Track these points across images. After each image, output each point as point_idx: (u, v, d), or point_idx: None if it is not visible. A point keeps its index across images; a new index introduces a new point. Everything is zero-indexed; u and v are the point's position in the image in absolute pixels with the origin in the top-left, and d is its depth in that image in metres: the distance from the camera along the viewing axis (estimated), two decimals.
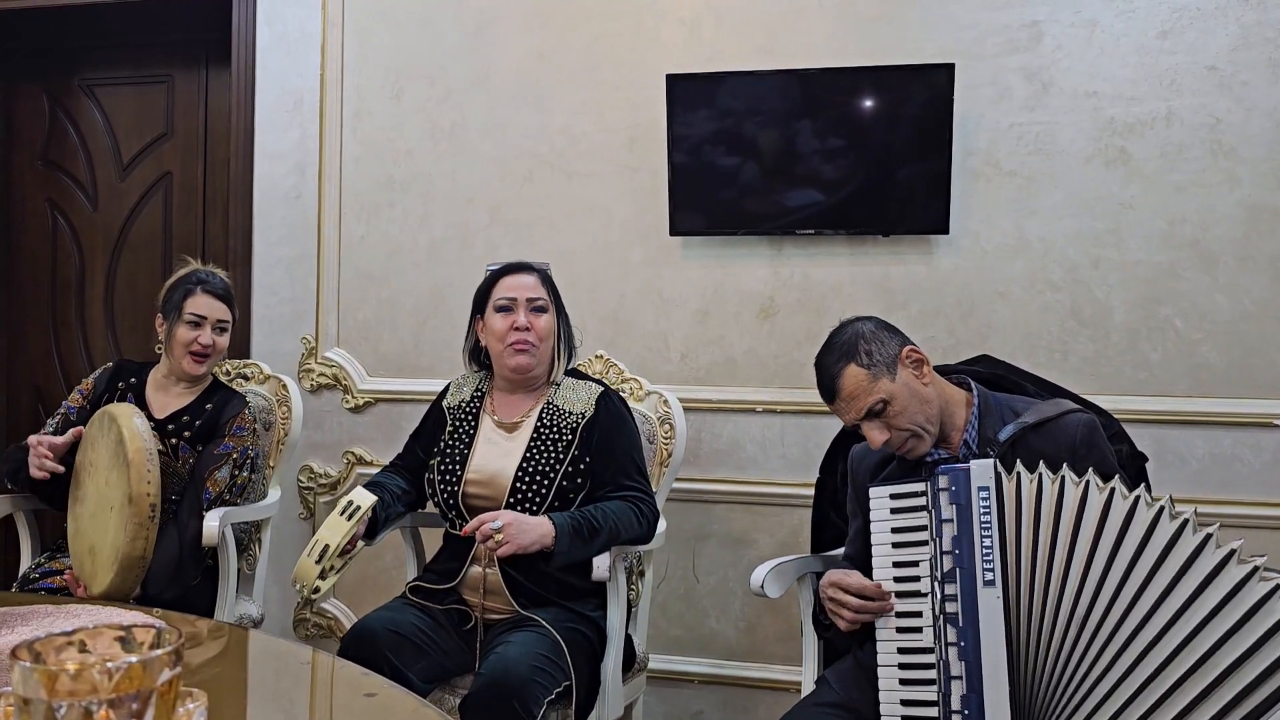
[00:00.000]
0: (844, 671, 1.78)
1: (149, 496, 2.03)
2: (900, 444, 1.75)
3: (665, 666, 2.76)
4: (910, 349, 1.77)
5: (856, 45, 2.67)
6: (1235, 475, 2.46)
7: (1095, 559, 1.51)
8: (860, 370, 1.74)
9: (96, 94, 3.51)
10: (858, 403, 1.74)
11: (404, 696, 1.38)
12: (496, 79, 2.93)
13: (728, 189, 2.70)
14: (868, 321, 1.80)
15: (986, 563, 1.54)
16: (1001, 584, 1.53)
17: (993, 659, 1.52)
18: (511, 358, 2.14)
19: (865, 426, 1.76)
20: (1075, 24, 2.55)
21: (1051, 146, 2.57)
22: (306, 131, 3.07)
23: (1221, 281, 2.48)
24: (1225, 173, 2.47)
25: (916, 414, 1.73)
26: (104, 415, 2.18)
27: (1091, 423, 1.75)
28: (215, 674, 1.55)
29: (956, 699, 1.52)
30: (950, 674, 1.54)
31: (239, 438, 2.39)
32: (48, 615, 1.50)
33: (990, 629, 1.52)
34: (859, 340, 1.76)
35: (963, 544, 1.56)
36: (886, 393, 1.72)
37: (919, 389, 1.74)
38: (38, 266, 3.55)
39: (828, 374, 1.78)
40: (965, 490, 1.57)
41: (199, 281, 2.42)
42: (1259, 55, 2.46)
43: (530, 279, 2.20)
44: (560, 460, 2.11)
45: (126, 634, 0.80)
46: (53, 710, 0.72)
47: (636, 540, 2.10)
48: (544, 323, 2.16)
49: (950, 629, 1.55)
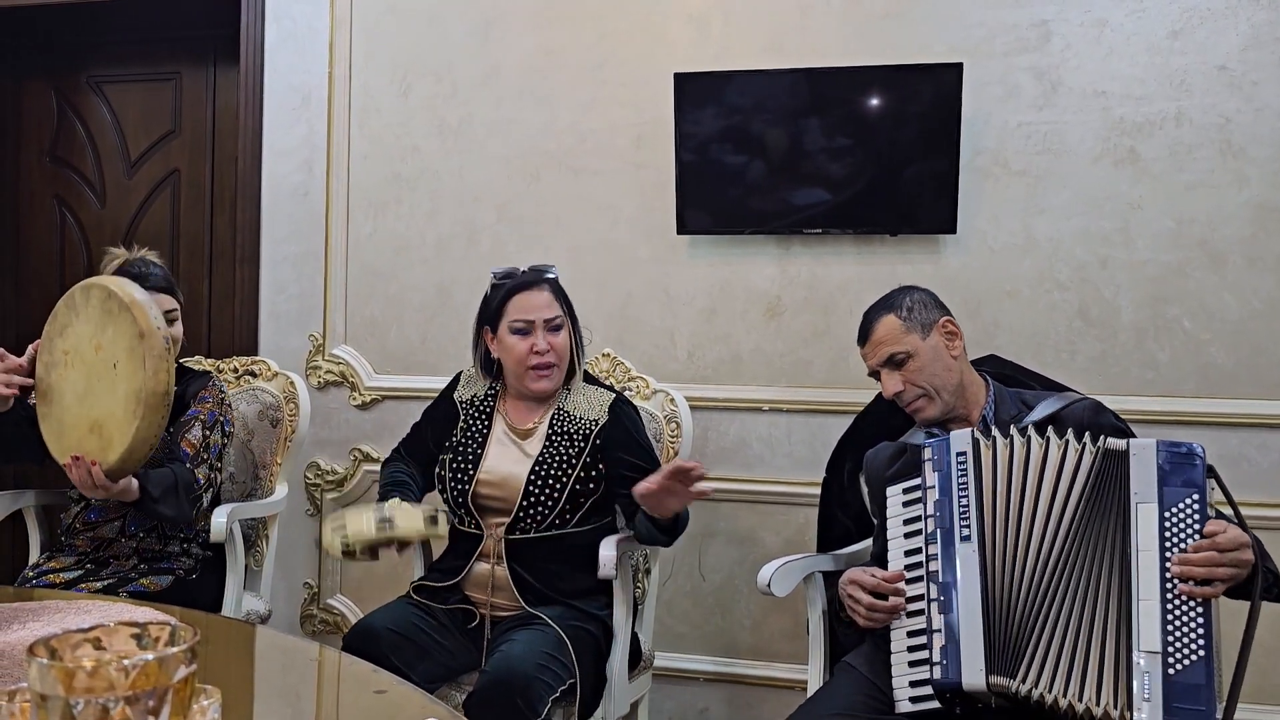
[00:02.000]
0: (865, 652, 1.81)
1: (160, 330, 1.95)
2: (912, 399, 1.86)
3: (671, 664, 2.77)
4: (948, 319, 1.90)
5: (864, 44, 2.66)
6: (1243, 475, 2.45)
7: (1054, 504, 1.63)
8: (896, 320, 1.87)
9: (104, 91, 3.51)
10: (883, 348, 1.87)
11: (412, 693, 1.38)
12: (504, 76, 2.93)
13: (735, 187, 2.69)
14: (920, 290, 1.94)
15: (963, 520, 1.64)
16: (978, 539, 1.63)
17: (969, 608, 1.60)
18: (534, 382, 2.14)
19: (884, 374, 1.88)
20: (1085, 23, 2.55)
21: (1060, 146, 2.56)
22: (314, 128, 3.07)
23: (1230, 281, 2.47)
24: (1234, 173, 2.47)
25: (935, 376, 1.85)
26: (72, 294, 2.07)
27: (1095, 404, 1.85)
28: (223, 670, 1.55)
29: (937, 651, 1.60)
30: (933, 628, 1.61)
31: (204, 404, 2.35)
32: (58, 611, 1.50)
33: (967, 581, 1.62)
34: (905, 297, 1.91)
35: (943, 506, 1.66)
36: (912, 347, 1.85)
37: (944, 356, 1.86)
38: (46, 263, 3.56)
39: (867, 319, 1.93)
40: (945, 457, 1.68)
41: (134, 277, 2.22)
42: (1270, 55, 2.45)
43: (544, 296, 2.16)
44: (573, 466, 2.11)
45: (142, 631, 0.80)
46: (70, 707, 0.72)
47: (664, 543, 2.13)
48: (561, 340, 2.16)
49: (932, 586, 1.63)
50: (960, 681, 1.57)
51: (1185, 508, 1.55)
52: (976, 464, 1.66)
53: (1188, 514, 1.55)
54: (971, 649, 1.57)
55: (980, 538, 1.63)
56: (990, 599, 1.60)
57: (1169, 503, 1.56)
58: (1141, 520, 1.56)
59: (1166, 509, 1.55)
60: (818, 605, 2.02)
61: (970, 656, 1.57)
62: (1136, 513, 1.57)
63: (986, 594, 1.60)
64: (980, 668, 1.56)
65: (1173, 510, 1.55)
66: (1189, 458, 1.56)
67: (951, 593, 1.61)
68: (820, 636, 2.01)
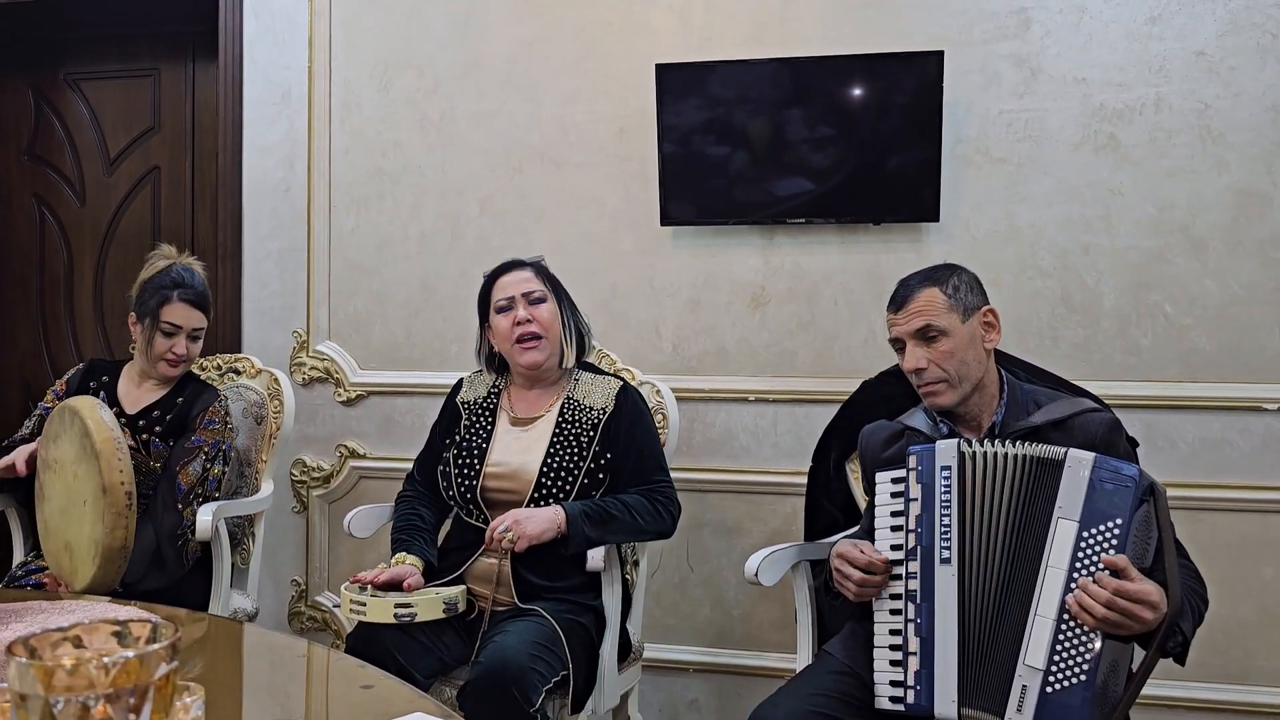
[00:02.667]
0: (845, 639, 1.80)
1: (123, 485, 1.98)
2: (932, 380, 1.75)
3: (660, 655, 2.77)
4: (990, 309, 1.79)
5: (846, 33, 2.66)
6: (1225, 459, 2.47)
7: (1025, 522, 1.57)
8: (941, 295, 1.75)
9: (82, 88, 3.48)
10: (919, 319, 1.74)
11: (400, 687, 1.38)
12: (485, 69, 2.92)
13: (718, 178, 2.69)
14: (968, 271, 1.82)
15: (944, 541, 1.59)
16: (958, 562, 1.58)
17: (945, 636, 1.56)
18: (522, 355, 2.15)
19: (911, 344, 1.76)
20: (1064, 10, 2.56)
21: (1041, 133, 2.57)
22: (295, 124, 3.06)
23: (1211, 266, 2.49)
24: (1214, 158, 2.48)
25: (963, 364, 1.74)
26: (64, 410, 2.09)
27: (1113, 422, 1.75)
28: (210, 668, 1.55)
29: (910, 674, 1.57)
30: (909, 650, 1.58)
31: (209, 430, 2.35)
32: (41, 611, 1.49)
33: (944, 607, 1.57)
34: (953, 275, 1.79)
35: (924, 523, 1.61)
36: (950, 325, 1.74)
37: (978, 347, 1.76)
38: (26, 262, 3.53)
39: (907, 285, 1.80)
40: (930, 470, 1.62)
41: (176, 285, 2.33)
42: (1247, 40, 2.46)
43: (524, 273, 2.20)
44: (583, 456, 2.11)
45: (122, 629, 0.80)
46: (49, 706, 0.71)
47: (660, 534, 2.13)
48: (544, 312, 2.16)
49: (910, 606, 1.59)
50: (932, 710, 1.55)
51: (1103, 532, 1.50)
52: (961, 479, 1.60)
53: (1104, 539, 1.49)
54: (945, 679, 1.55)
55: (960, 560, 1.58)
56: (966, 626, 1.56)
57: (1089, 523, 1.51)
58: (1059, 535, 1.52)
59: (1085, 529, 1.51)
60: (805, 594, 2.02)
61: (943, 687, 1.55)
62: (1056, 526, 1.53)
63: (963, 621, 1.56)
64: (952, 699, 1.54)
65: (1091, 531, 1.50)
66: (1122, 480, 1.50)
67: (929, 617, 1.57)
68: (808, 625, 2.01)
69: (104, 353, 3.38)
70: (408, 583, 1.99)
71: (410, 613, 1.92)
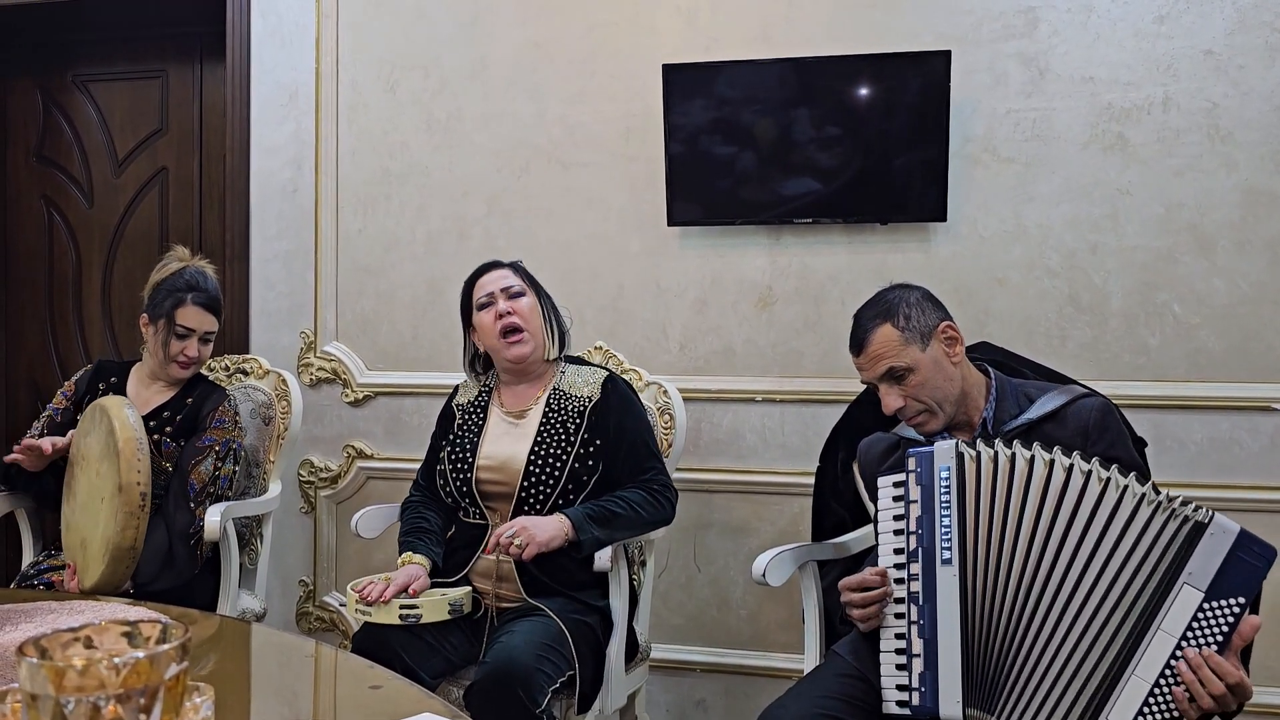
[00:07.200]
0: (853, 641, 1.79)
1: (139, 485, 2.01)
2: (913, 414, 1.76)
3: (667, 656, 2.77)
4: (948, 324, 1.78)
5: (853, 33, 2.66)
6: (1233, 459, 2.46)
7: (1039, 527, 1.54)
8: (894, 331, 1.74)
9: (90, 89, 3.49)
10: (882, 362, 1.75)
11: (408, 688, 1.38)
12: (492, 70, 2.92)
13: (725, 178, 2.69)
14: (915, 290, 1.81)
15: (945, 542, 1.57)
16: (959, 563, 1.56)
17: (948, 636, 1.55)
18: (508, 349, 2.19)
19: (883, 389, 1.76)
20: (1071, 9, 2.55)
21: (1048, 133, 2.57)
22: (302, 125, 3.06)
23: (1219, 266, 2.48)
24: (1222, 157, 2.47)
25: (936, 390, 1.74)
26: (95, 408, 2.16)
27: (1104, 405, 1.74)
28: (219, 668, 1.55)
29: (915, 677, 1.56)
30: (912, 652, 1.57)
31: (220, 429, 2.37)
32: (51, 612, 1.50)
33: (946, 607, 1.55)
34: (901, 303, 1.77)
35: (924, 525, 1.59)
36: (913, 360, 1.73)
37: (946, 366, 1.75)
38: (34, 264, 3.54)
39: (861, 327, 1.79)
40: (929, 471, 1.60)
41: (191, 289, 2.36)
42: (1256, 39, 2.45)
43: (500, 271, 2.26)
44: (570, 444, 2.13)
45: (133, 629, 0.80)
46: (60, 706, 0.72)
47: (661, 521, 2.16)
48: (524, 304, 2.21)
49: (913, 608, 1.58)
50: (937, 711, 1.53)
51: (1225, 608, 1.44)
52: (960, 480, 1.58)
53: (1224, 616, 1.44)
54: (949, 680, 1.53)
55: (962, 561, 1.56)
56: (970, 627, 1.55)
57: (1215, 596, 1.44)
58: (1180, 601, 1.45)
59: (1210, 600, 1.44)
60: (813, 594, 2.02)
61: (947, 688, 1.53)
62: (1180, 591, 1.46)
63: (966, 622, 1.54)
64: (957, 700, 1.52)
65: (1213, 605, 1.44)
66: (1259, 558, 1.44)
67: (932, 618, 1.56)
68: (815, 626, 2.01)
69: (112, 354, 3.39)
70: (413, 587, 2.01)
71: (415, 614, 1.93)
